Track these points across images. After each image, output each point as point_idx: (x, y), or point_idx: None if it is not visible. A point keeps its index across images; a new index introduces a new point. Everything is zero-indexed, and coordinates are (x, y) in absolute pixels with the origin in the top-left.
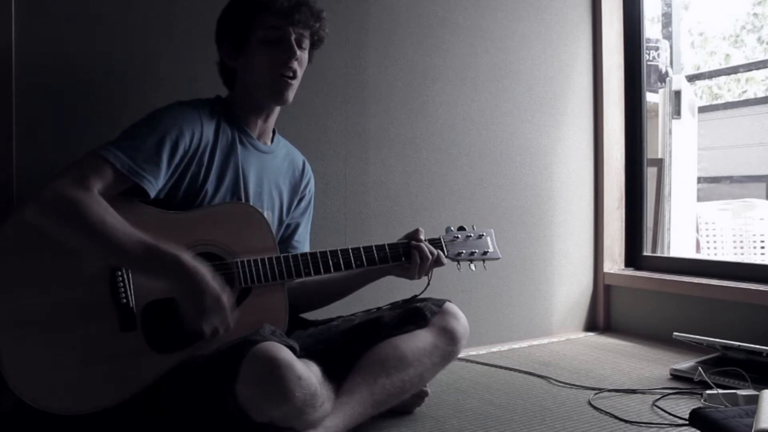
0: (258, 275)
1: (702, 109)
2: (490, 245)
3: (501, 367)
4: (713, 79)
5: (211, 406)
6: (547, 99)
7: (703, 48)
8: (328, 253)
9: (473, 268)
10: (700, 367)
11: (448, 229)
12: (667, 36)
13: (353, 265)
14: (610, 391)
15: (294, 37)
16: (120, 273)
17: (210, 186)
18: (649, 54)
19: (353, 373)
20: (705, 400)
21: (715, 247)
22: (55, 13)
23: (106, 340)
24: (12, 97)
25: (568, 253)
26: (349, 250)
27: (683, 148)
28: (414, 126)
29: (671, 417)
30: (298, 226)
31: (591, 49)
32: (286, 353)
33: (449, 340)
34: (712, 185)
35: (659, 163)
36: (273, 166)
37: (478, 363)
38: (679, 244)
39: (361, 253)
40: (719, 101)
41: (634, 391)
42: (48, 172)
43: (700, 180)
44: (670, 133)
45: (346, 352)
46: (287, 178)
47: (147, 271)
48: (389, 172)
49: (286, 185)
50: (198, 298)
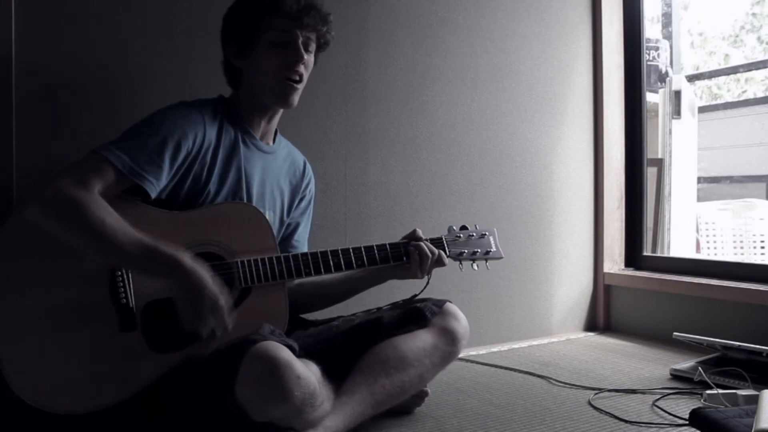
0: (258, 275)
1: (702, 109)
2: (493, 244)
3: (501, 367)
4: (713, 79)
5: (211, 406)
6: (547, 99)
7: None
8: (329, 252)
9: (476, 268)
10: (700, 367)
11: (450, 229)
12: (667, 36)
13: (354, 265)
14: (610, 391)
15: (301, 40)
16: (119, 273)
17: (213, 187)
18: (649, 54)
19: (353, 373)
20: (705, 400)
21: (715, 247)
22: (56, 13)
23: (105, 340)
24: (12, 97)
25: (568, 253)
26: (350, 250)
27: (683, 148)
28: (414, 126)
29: (671, 417)
30: (298, 225)
31: (591, 49)
32: (285, 353)
33: (449, 340)
34: (712, 185)
35: (659, 163)
36: (275, 166)
37: (478, 363)
38: (679, 244)
39: (362, 252)
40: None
41: (634, 391)
42: (48, 172)
43: (700, 180)
44: (670, 133)
45: (346, 352)
46: (288, 178)
47: (146, 271)
48: (389, 172)
49: (287, 185)
50: (195, 300)
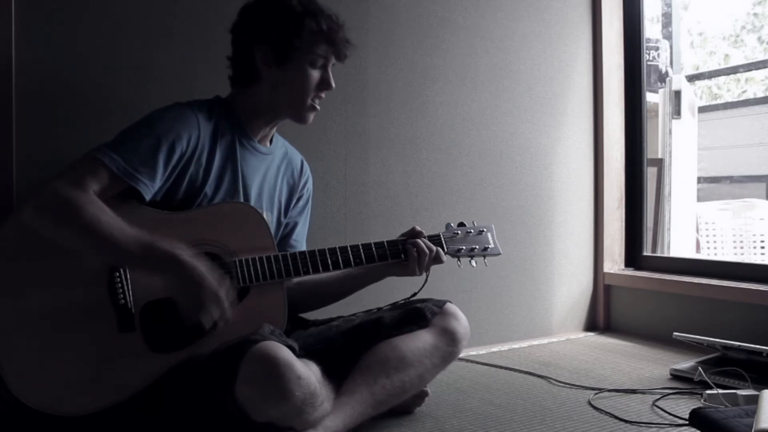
0: (256, 274)
1: (702, 109)
2: (491, 241)
3: (501, 367)
4: (713, 79)
5: (211, 406)
6: (547, 99)
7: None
8: (327, 251)
9: (474, 265)
10: (700, 367)
11: (447, 226)
12: (667, 36)
13: (352, 263)
14: (610, 391)
15: (331, 65)
16: (118, 274)
17: (209, 189)
18: (649, 54)
19: (353, 373)
20: (705, 400)
21: (715, 247)
22: (55, 14)
23: (105, 341)
24: (12, 97)
25: (568, 253)
26: (348, 248)
27: (683, 148)
28: (414, 126)
29: (671, 417)
30: (296, 225)
31: (591, 49)
32: (285, 353)
33: (450, 341)
34: (712, 185)
35: (659, 163)
36: (272, 167)
37: (478, 363)
38: (679, 244)
39: (360, 250)
40: (719, 101)
41: (634, 391)
42: (48, 173)
43: (700, 180)
44: (670, 133)
45: (346, 352)
46: (286, 178)
47: (144, 267)
48: (389, 172)
49: (284, 186)
50: (195, 291)
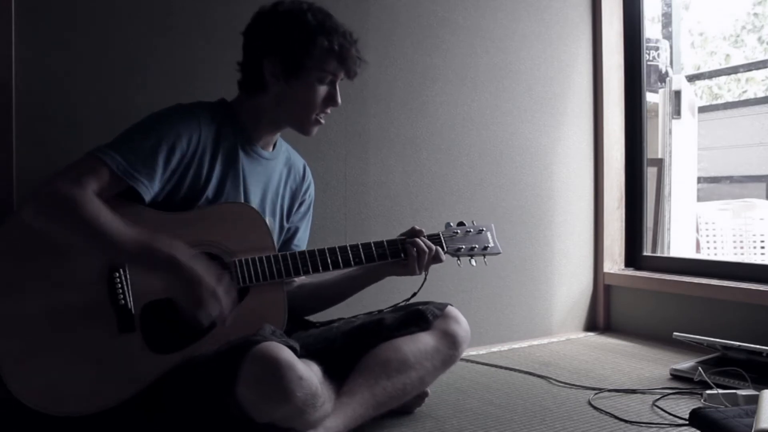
0: (256, 274)
1: (702, 109)
2: (491, 240)
3: (501, 367)
4: (713, 79)
5: (212, 407)
6: (547, 99)
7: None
8: (326, 250)
9: (474, 264)
10: (700, 367)
11: (447, 225)
12: (667, 36)
13: (351, 263)
14: (610, 391)
15: (339, 81)
16: (118, 274)
17: (210, 192)
18: (649, 54)
19: (354, 373)
20: (705, 400)
21: (715, 247)
22: (55, 14)
23: (105, 341)
24: (12, 97)
25: (568, 253)
26: (347, 248)
27: (683, 148)
28: (414, 126)
29: (671, 417)
30: (298, 230)
31: (591, 49)
32: (287, 353)
33: (450, 344)
34: (712, 185)
35: (659, 163)
36: (275, 172)
37: (478, 363)
38: (679, 244)
39: (360, 250)
40: (719, 101)
41: (634, 391)
42: (48, 172)
43: (700, 180)
44: (670, 133)
45: (347, 353)
46: (288, 183)
47: (142, 264)
48: (389, 172)
49: (287, 191)
50: (193, 289)
